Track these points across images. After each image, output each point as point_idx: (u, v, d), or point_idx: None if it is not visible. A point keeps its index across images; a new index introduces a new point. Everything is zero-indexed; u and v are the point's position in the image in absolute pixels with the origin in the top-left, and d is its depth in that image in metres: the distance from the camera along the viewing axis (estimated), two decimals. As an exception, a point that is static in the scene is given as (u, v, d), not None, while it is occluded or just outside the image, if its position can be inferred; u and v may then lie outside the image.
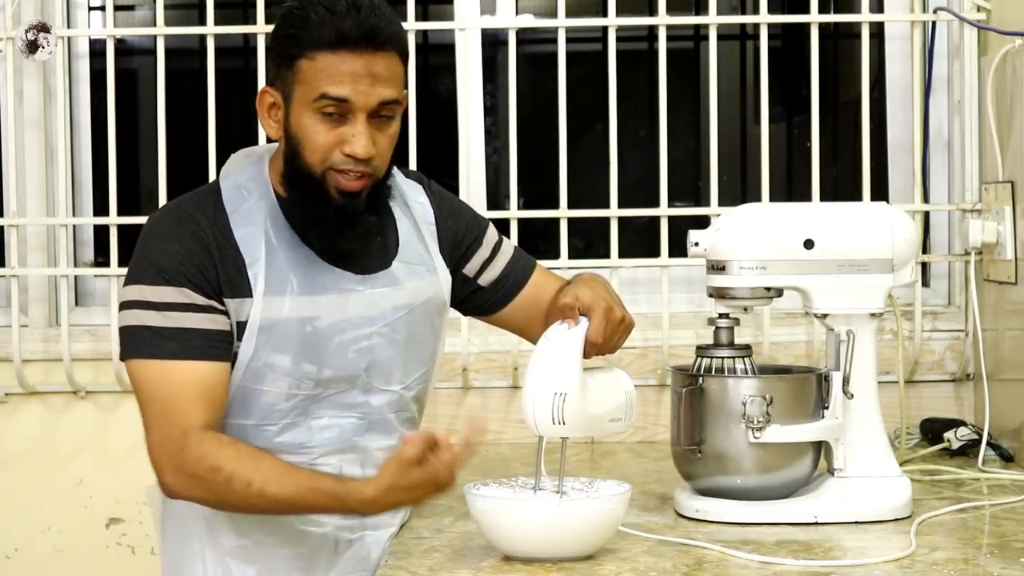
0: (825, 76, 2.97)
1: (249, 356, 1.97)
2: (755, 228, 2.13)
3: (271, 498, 1.90)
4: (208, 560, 2.05)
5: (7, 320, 2.94)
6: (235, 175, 2.05)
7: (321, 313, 2.00)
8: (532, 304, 2.19)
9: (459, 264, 2.19)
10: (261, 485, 1.90)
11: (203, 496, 1.95)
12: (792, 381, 2.13)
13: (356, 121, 1.95)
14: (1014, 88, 2.66)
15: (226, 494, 1.92)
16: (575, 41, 3.07)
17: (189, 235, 1.97)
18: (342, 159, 1.96)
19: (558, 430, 1.91)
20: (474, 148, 2.99)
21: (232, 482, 1.90)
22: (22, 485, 2.95)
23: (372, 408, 2.06)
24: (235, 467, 1.90)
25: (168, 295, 1.95)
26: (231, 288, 1.97)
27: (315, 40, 1.93)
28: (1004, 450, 2.60)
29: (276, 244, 2.00)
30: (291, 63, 1.95)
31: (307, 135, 1.96)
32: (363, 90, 1.94)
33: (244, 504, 1.93)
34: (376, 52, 1.94)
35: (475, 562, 1.88)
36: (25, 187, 2.95)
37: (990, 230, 2.71)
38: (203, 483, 1.92)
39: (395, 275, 2.06)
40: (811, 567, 1.84)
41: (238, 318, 1.97)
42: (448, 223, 2.18)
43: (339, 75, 1.93)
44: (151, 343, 1.94)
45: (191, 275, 1.95)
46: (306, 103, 1.95)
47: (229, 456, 1.91)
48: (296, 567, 2.05)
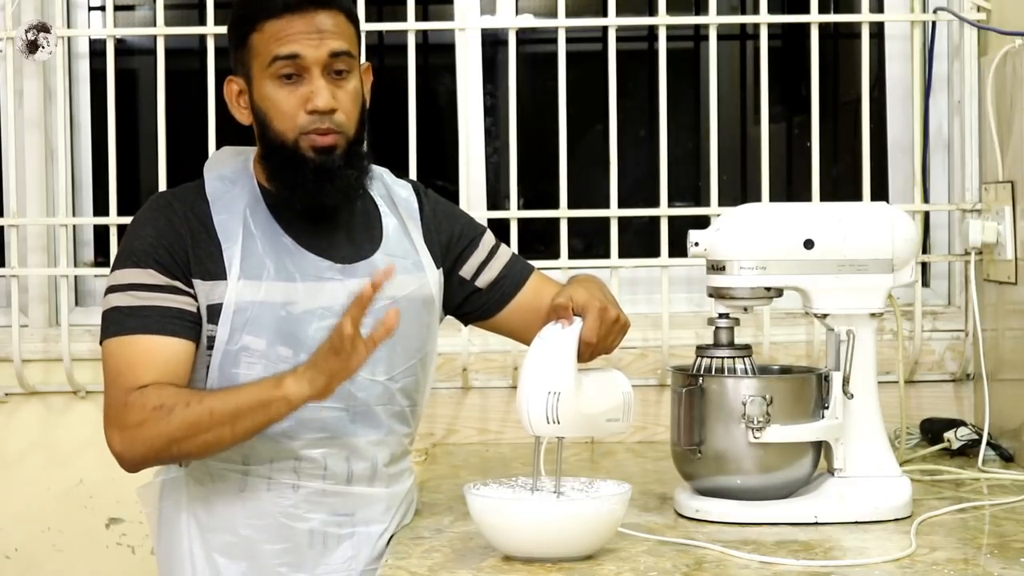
0: (825, 76, 2.97)
1: (225, 339, 2.00)
2: (755, 228, 2.13)
3: (208, 405, 1.92)
4: (197, 558, 2.06)
5: (7, 320, 2.94)
6: (219, 168, 2.11)
7: (298, 299, 2.02)
8: (530, 308, 2.20)
9: (455, 265, 2.20)
10: (200, 399, 1.93)
11: (149, 443, 1.94)
12: (792, 381, 2.13)
13: (312, 77, 2.01)
14: (1014, 88, 2.66)
15: (168, 425, 1.92)
16: (575, 41, 3.07)
17: (163, 219, 2.03)
18: (308, 119, 2.01)
19: (553, 429, 1.91)
20: (474, 148, 2.99)
21: (174, 410, 1.92)
22: (22, 485, 2.95)
23: (357, 400, 2.06)
24: (176, 398, 1.93)
25: (134, 276, 2.00)
26: (202, 271, 2.01)
27: (261, 12, 2.01)
28: (1004, 450, 2.60)
29: (255, 231, 2.04)
30: (244, 42, 2.03)
31: (271, 104, 2.02)
32: (312, 44, 2.01)
33: (186, 427, 1.92)
34: (319, 10, 2.02)
35: (475, 562, 1.88)
36: (25, 187, 2.95)
37: (990, 230, 2.71)
38: (149, 427, 1.92)
39: (376, 266, 2.07)
40: (811, 567, 1.84)
41: (209, 301, 2.00)
42: (443, 224, 2.20)
43: (286, 36, 2.00)
44: (116, 322, 2.00)
45: (159, 256, 2.00)
46: (263, 73, 2.02)
47: (170, 393, 1.94)
48: (284, 563, 2.05)
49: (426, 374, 2.17)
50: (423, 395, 2.18)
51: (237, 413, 1.92)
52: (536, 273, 2.25)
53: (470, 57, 2.98)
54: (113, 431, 1.96)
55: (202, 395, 1.95)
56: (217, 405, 1.92)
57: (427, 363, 2.16)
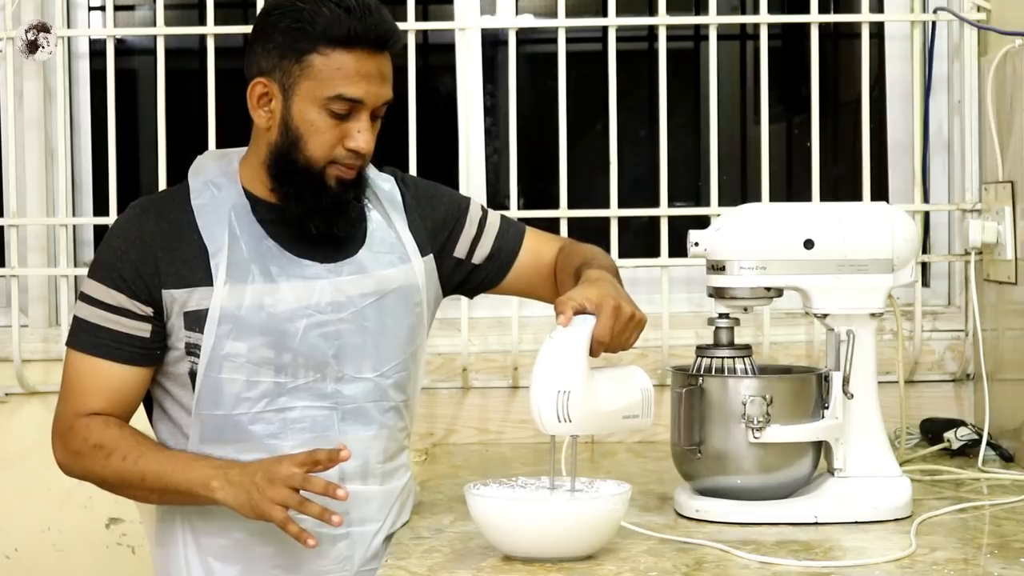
0: (825, 76, 2.97)
1: (211, 345, 2.01)
2: (755, 228, 2.13)
3: (141, 469, 1.99)
4: (192, 562, 2.07)
5: (7, 320, 2.94)
6: (205, 172, 2.10)
7: (282, 299, 2.03)
8: (531, 269, 2.24)
9: (446, 248, 2.21)
10: (136, 458, 1.99)
11: (85, 472, 2.06)
12: (792, 381, 2.13)
13: (360, 119, 2.00)
14: (1014, 88, 2.66)
15: (104, 469, 2.02)
16: (575, 41, 3.07)
17: (134, 230, 2.05)
18: (344, 154, 2.02)
19: (565, 428, 1.90)
20: (474, 148, 2.99)
21: (111, 457, 2.00)
22: (22, 485, 2.95)
23: (345, 397, 2.06)
24: (116, 444, 2.01)
25: (97, 291, 2.06)
26: (175, 279, 2.02)
27: (330, 36, 1.97)
28: (1004, 450, 2.60)
29: (240, 236, 2.04)
30: (299, 56, 1.98)
31: (311, 128, 2.00)
32: (374, 91, 2.00)
33: (117, 478, 2.02)
34: (386, 53, 2.01)
35: (475, 562, 1.88)
36: (25, 187, 2.95)
37: (990, 230, 2.71)
38: (86, 459, 2.03)
39: (361, 263, 2.08)
40: (811, 567, 1.84)
41: (186, 308, 2.02)
42: (426, 211, 2.20)
43: (355, 75, 1.98)
44: (75, 334, 2.08)
45: (124, 272, 2.03)
46: (315, 99, 1.99)
47: (112, 436, 2.02)
48: (278, 565, 2.05)
49: (418, 367, 2.17)
50: (416, 387, 2.18)
51: (165, 489, 2.00)
52: (529, 232, 2.27)
53: (470, 57, 2.98)
54: (56, 443, 2.09)
55: (139, 451, 2.01)
56: (150, 473, 1.99)
57: (418, 355, 2.17)
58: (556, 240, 2.31)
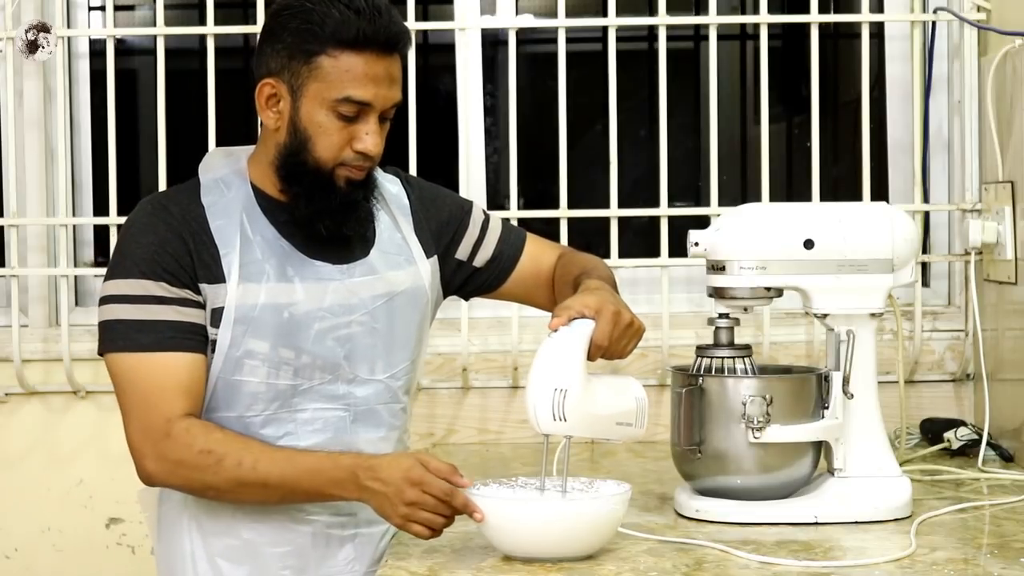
0: (825, 76, 2.97)
1: (227, 345, 1.99)
2: (755, 228, 2.13)
3: (263, 474, 1.92)
4: (199, 561, 2.06)
5: (7, 320, 2.94)
6: (215, 170, 2.08)
7: (298, 300, 2.02)
8: (530, 275, 2.24)
9: (449, 250, 2.21)
10: (253, 463, 1.93)
11: (187, 482, 1.97)
12: (792, 381, 2.13)
13: (369, 121, 1.99)
14: (1014, 88, 2.66)
15: (215, 477, 1.93)
16: (575, 41, 3.07)
17: (162, 224, 2.00)
18: (352, 156, 2.00)
19: (559, 427, 1.89)
20: (474, 148, 2.99)
21: (223, 462, 1.93)
22: (22, 485, 2.95)
23: (357, 399, 2.06)
24: (226, 449, 1.93)
25: (142, 288, 1.97)
26: (207, 274, 1.99)
27: (339, 38, 1.95)
28: (1004, 450, 2.60)
29: (252, 236, 2.02)
30: (308, 58, 1.97)
31: (319, 129, 1.99)
32: (383, 94, 1.99)
33: (233, 484, 1.94)
34: (395, 56, 2.00)
35: (475, 562, 1.88)
36: (25, 187, 2.95)
37: (990, 230, 2.71)
38: (191, 468, 1.94)
39: (373, 264, 2.08)
40: (811, 567, 1.84)
41: (214, 304, 1.99)
42: (430, 213, 2.20)
43: (364, 78, 1.97)
44: (126, 336, 1.97)
45: (166, 264, 1.97)
46: (324, 101, 1.97)
47: (218, 439, 1.94)
48: (287, 566, 2.05)
49: (417, 368, 2.17)
50: (415, 388, 2.19)
51: (292, 493, 1.95)
52: (530, 239, 2.28)
53: (470, 57, 2.98)
54: (149, 456, 1.96)
55: (253, 455, 1.94)
56: (273, 478, 1.93)
57: (420, 357, 2.17)
58: (556, 248, 2.31)
